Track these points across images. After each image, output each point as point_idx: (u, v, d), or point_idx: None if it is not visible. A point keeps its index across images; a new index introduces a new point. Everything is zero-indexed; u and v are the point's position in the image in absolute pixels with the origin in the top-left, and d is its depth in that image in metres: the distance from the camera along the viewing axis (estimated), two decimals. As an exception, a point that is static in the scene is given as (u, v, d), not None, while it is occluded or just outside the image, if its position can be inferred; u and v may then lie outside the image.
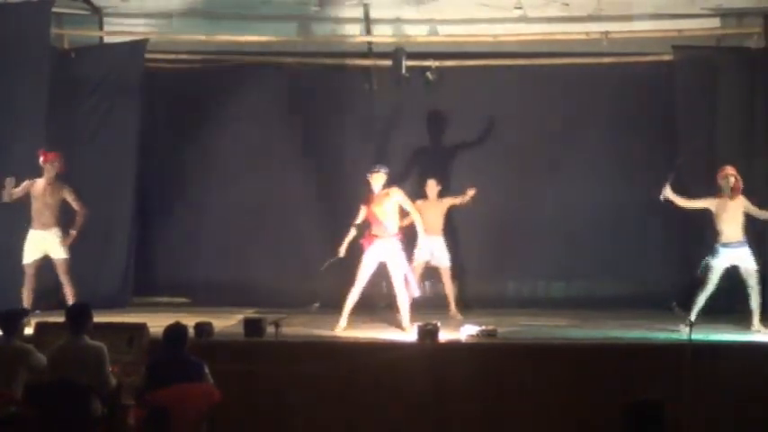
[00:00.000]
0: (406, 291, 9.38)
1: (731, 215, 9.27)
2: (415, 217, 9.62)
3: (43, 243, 9.81)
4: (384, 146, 11.58)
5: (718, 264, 9.22)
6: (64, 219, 9.94)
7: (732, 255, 9.22)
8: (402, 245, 9.51)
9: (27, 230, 9.86)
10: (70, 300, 9.63)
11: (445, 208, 10.60)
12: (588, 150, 11.50)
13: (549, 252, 11.48)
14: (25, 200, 9.84)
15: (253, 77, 11.73)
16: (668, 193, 9.45)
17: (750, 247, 9.31)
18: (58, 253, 9.82)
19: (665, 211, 11.17)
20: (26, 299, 9.65)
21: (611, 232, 11.35)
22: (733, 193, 9.29)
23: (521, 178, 11.56)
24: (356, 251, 9.54)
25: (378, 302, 10.54)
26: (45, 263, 9.88)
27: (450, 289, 10.57)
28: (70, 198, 9.86)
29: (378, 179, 9.47)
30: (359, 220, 9.53)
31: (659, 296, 10.49)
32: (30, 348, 6.85)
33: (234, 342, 8.41)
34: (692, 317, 8.90)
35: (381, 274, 9.57)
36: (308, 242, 11.50)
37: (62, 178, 9.94)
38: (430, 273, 10.90)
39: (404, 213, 9.60)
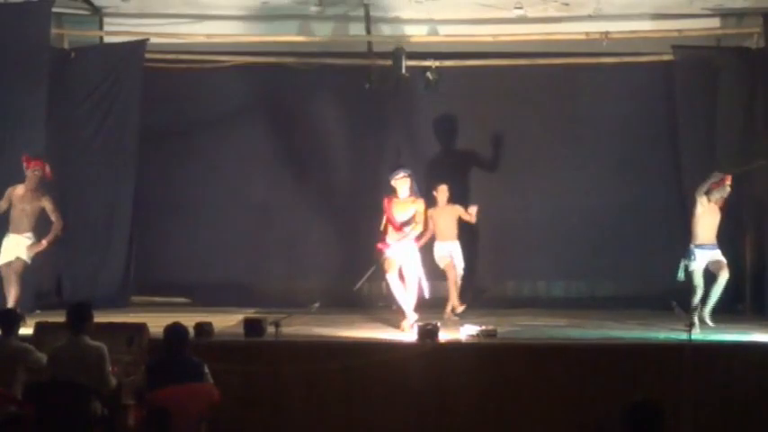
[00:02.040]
0: (415, 293, 9.41)
1: (712, 220, 9.39)
2: (421, 230, 9.59)
3: (16, 247, 9.61)
4: (384, 146, 11.59)
5: (698, 265, 9.31)
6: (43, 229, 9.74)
7: (707, 255, 9.35)
8: (418, 248, 9.52)
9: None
10: (11, 302, 9.32)
11: (457, 214, 10.54)
12: (588, 150, 11.52)
13: (549, 252, 11.50)
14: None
15: (252, 77, 11.74)
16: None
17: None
18: (22, 253, 9.56)
19: (665, 211, 11.22)
20: (10, 300, 9.42)
21: (611, 232, 11.35)
22: (724, 201, 9.34)
23: (520, 178, 11.57)
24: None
25: (377, 302, 10.54)
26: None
27: (453, 292, 10.53)
28: (48, 208, 9.63)
29: (404, 184, 9.44)
30: (383, 226, 9.44)
31: (659, 296, 10.47)
32: (28, 348, 6.85)
33: (234, 342, 8.40)
34: (695, 321, 8.92)
35: (381, 274, 9.58)
36: (308, 242, 11.51)
37: (45, 186, 9.73)
38: (430, 273, 10.90)
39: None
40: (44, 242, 9.64)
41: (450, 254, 10.42)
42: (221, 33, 11.60)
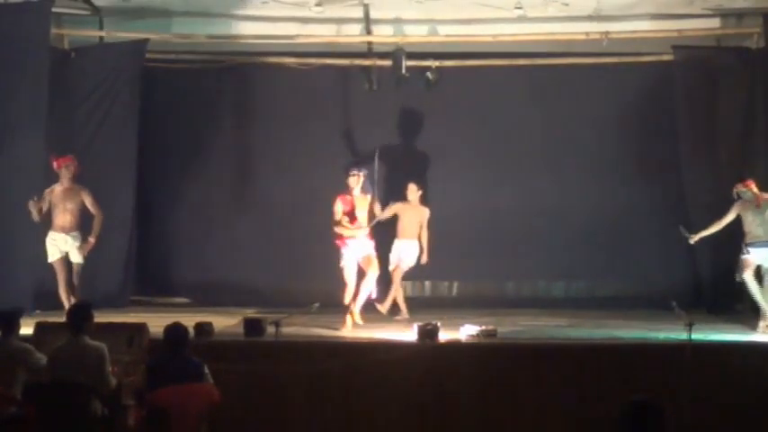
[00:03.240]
0: (371, 289, 9.55)
1: (755, 217, 9.27)
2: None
3: (64, 244, 9.89)
4: (383, 146, 11.59)
5: (750, 258, 9.19)
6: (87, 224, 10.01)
7: (758, 253, 9.22)
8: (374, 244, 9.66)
9: (45, 233, 9.92)
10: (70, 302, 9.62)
11: (422, 216, 10.47)
12: (588, 150, 11.52)
13: (549, 252, 11.49)
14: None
15: (253, 77, 11.74)
16: (695, 237, 9.52)
17: None
18: (75, 257, 9.89)
19: (665, 211, 11.22)
20: (64, 297, 9.76)
21: (611, 232, 11.36)
22: (756, 198, 9.26)
23: (520, 178, 11.57)
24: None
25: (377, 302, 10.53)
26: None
27: (397, 287, 10.49)
28: (88, 202, 9.91)
29: (357, 182, 9.63)
30: (338, 218, 9.60)
31: (659, 296, 10.49)
32: (29, 348, 6.84)
33: (234, 342, 8.40)
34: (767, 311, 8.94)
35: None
36: (308, 242, 11.49)
37: (79, 181, 9.99)
38: (430, 273, 10.92)
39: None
40: (92, 239, 9.92)
41: (400, 254, 10.40)
42: (221, 33, 11.60)
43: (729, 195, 9.46)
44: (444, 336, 8.39)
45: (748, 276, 9.17)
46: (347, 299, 9.42)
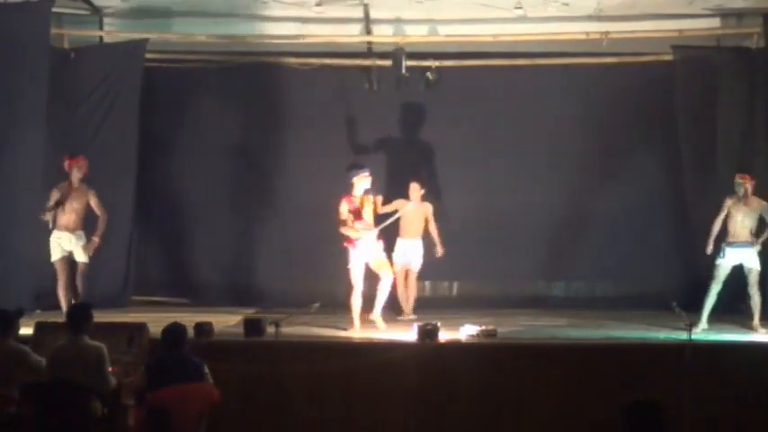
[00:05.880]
0: (387, 292, 9.46)
1: (744, 218, 9.31)
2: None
3: (68, 244, 9.84)
4: (384, 146, 11.60)
5: (725, 263, 9.24)
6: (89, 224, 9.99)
7: (737, 254, 9.23)
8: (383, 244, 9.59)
9: (45, 232, 9.87)
10: (73, 300, 9.65)
11: (425, 212, 10.48)
12: (588, 150, 11.50)
13: (549, 252, 11.49)
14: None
15: (253, 77, 11.73)
16: (709, 247, 9.44)
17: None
18: (80, 256, 9.85)
19: (665, 211, 11.23)
20: (62, 297, 9.74)
21: (611, 232, 11.36)
22: (746, 196, 9.30)
23: (520, 178, 11.56)
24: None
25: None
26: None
27: (412, 291, 10.49)
28: (93, 202, 9.89)
29: (364, 181, 9.51)
30: (344, 218, 9.50)
31: (659, 296, 10.49)
32: (26, 349, 6.83)
33: (234, 342, 8.41)
34: (704, 318, 8.94)
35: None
36: (308, 242, 11.50)
37: (87, 182, 9.96)
38: (430, 273, 10.90)
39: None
40: (96, 239, 9.88)
41: (406, 254, 10.39)
42: (221, 33, 11.60)
43: (730, 195, 9.47)
44: (444, 336, 8.39)
45: (717, 284, 9.24)
46: (354, 302, 9.36)
